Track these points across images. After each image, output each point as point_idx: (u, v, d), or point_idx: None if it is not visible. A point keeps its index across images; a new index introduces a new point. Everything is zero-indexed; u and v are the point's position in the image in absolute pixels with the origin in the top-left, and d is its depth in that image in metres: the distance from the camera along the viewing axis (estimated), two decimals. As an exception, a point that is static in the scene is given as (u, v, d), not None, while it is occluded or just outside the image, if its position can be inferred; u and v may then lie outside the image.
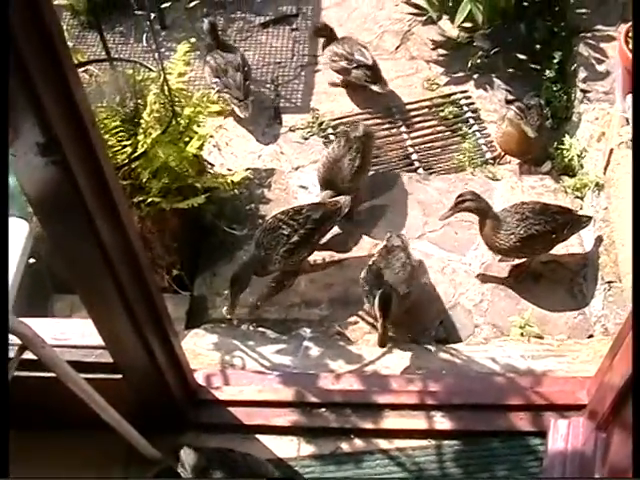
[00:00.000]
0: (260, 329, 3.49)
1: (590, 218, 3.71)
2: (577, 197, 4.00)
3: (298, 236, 3.54)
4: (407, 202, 4.01)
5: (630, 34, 3.89)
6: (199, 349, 3.26)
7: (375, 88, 4.77)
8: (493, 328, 3.49)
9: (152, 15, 3.71)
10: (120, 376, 2.39)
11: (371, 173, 4.18)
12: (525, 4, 5.18)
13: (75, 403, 2.08)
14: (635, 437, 1.90)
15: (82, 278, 2.00)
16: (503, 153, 4.43)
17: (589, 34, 4.77)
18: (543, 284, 3.64)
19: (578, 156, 4.21)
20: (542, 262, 3.70)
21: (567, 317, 3.52)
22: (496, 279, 3.68)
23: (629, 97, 3.55)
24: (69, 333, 2.46)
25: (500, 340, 3.37)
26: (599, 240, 3.75)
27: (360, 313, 3.56)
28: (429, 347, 3.34)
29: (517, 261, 3.71)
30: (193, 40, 3.71)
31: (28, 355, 1.96)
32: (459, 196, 3.54)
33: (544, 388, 2.82)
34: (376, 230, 3.89)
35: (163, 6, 5.02)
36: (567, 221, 3.61)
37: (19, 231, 2.73)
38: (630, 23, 3.97)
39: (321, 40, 4.95)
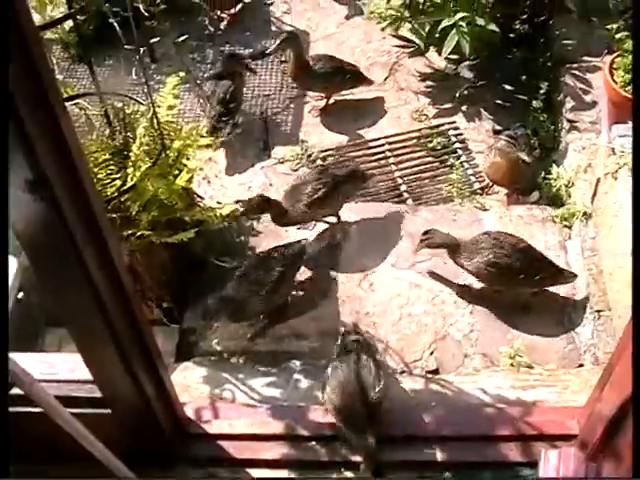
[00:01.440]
0: (250, 362, 3.48)
1: (575, 276, 3.67)
2: (565, 226, 4.01)
3: (277, 274, 3.55)
4: (396, 233, 4.03)
5: (614, 65, 3.94)
6: (189, 382, 3.26)
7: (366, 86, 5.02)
8: (483, 358, 3.49)
9: (141, 49, 3.70)
10: (109, 411, 2.38)
11: (360, 204, 4.20)
12: (511, 35, 5.26)
13: (63, 438, 2.07)
14: (635, 437, 1.90)
15: (71, 312, 2.00)
16: (491, 183, 4.46)
17: (575, 65, 4.83)
18: (532, 314, 3.64)
19: (566, 186, 4.24)
20: (532, 292, 3.71)
21: (557, 347, 3.52)
22: (485, 309, 3.68)
23: (614, 127, 3.58)
24: (58, 368, 2.46)
25: (490, 370, 3.38)
26: (587, 269, 3.77)
27: (350, 345, 3.56)
28: (420, 378, 3.34)
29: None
30: (182, 74, 3.71)
31: (16, 391, 1.95)
32: (423, 233, 3.67)
33: (534, 418, 2.82)
34: (365, 261, 3.90)
35: (152, 41, 5.06)
36: (541, 269, 3.60)
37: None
38: (615, 54, 4.02)
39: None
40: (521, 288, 3.67)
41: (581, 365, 3.46)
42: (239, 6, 5.83)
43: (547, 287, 3.69)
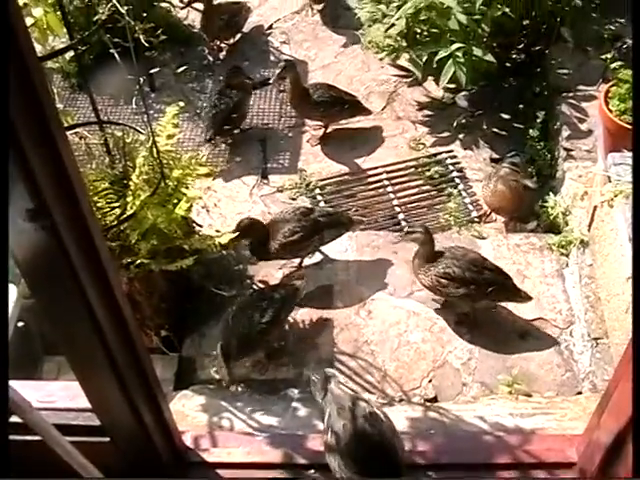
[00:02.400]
0: (248, 390, 3.48)
1: (530, 298, 3.66)
2: (562, 254, 4.03)
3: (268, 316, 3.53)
4: (394, 261, 4.04)
5: (609, 94, 3.97)
6: (187, 411, 3.26)
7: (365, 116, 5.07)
8: (481, 386, 3.49)
9: (142, 79, 3.75)
10: (107, 439, 2.38)
11: (358, 232, 4.22)
12: (508, 65, 5.31)
13: (62, 466, 2.07)
14: (635, 434, 1.90)
15: (70, 340, 2.01)
16: (490, 211, 4.48)
17: (571, 94, 4.87)
18: (530, 341, 3.65)
19: (563, 214, 4.26)
20: (529, 320, 3.72)
21: (555, 374, 3.53)
22: (483, 337, 3.69)
23: (610, 156, 3.61)
24: (56, 396, 2.46)
25: (488, 398, 3.38)
26: (585, 297, 3.78)
27: (348, 373, 3.56)
28: (418, 406, 3.34)
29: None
30: (182, 103, 3.74)
31: (15, 419, 1.95)
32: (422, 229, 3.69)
33: (533, 446, 2.81)
34: (363, 289, 3.92)
35: (152, 71, 5.11)
36: (494, 282, 3.61)
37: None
38: (610, 84, 4.05)
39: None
40: (475, 302, 3.69)
41: (579, 393, 3.46)
42: (238, 36, 5.89)
43: (501, 302, 3.72)
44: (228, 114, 4.94)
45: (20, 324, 3.10)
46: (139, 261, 3.26)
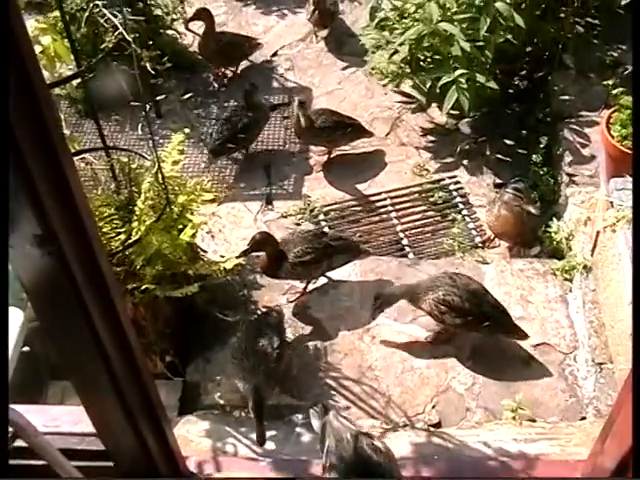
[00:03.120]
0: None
1: (527, 336, 3.65)
2: (566, 279, 4.03)
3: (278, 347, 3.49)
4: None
5: (611, 120, 4.00)
6: (191, 436, 3.26)
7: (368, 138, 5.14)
8: (485, 412, 3.49)
9: (147, 105, 3.80)
10: (112, 464, 2.39)
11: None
12: (510, 91, 5.35)
13: (66, 492, 2.08)
14: (635, 437, 1.90)
15: (74, 365, 2.02)
16: (493, 236, 4.49)
17: (573, 120, 4.90)
18: (534, 367, 3.65)
19: (566, 239, 4.28)
20: (533, 345, 3.72)
21: (559, 399, 3.53)
22: (487, 362, 3.69)
23: (612, 181, 3.63)
24: (61, 420, 2.47)
25: (492, 424, 3.37)
26: (589, 322, 3.78)
27: (352, 398, 3.56)
28: (422, 432, 3.34)
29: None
30: (187, 130, 3.78)
31: (19, 443, 1.96)
32: (374, 298, 3.65)
33: (537, 472, 2.81)
34: (367, 314, 3.91)
35: (158, 98, 5.16)
36: (491, 316, 3.62)
37: (13, 320, 2.75)
38: (611, 110, 4.08)
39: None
40: (471, 331, 3.69)
41: (583, 418, 3.45)
42: (243, 63, 5.94)
43: (496, 335, 3.70)
44: (237, 132, 4.98)
45: (26, 349, 3.11)
46: (144, 287, 3.28)
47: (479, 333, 3.68)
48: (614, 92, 4.19)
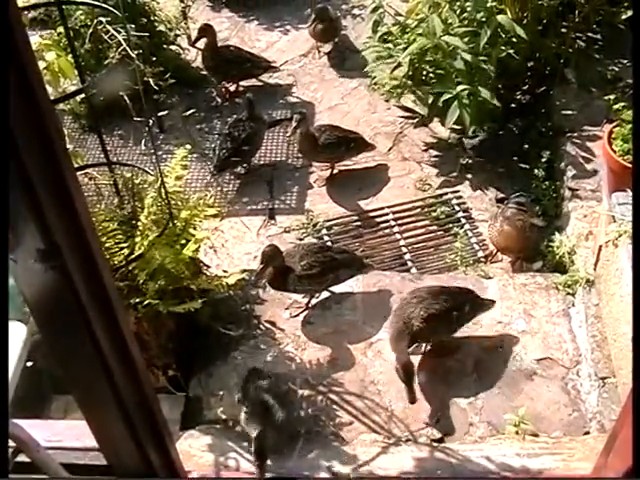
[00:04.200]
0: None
1: (493, 302, 3.84)
2: (569, 294, 4.03)
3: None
4: (400, 301, 4.05)
5: (613, 135, 4.01)
6: (194, 450, 3.25)
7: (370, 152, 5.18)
8: (488, 426, 3.48)
9: (150, 121, 3.83)
10: (114, 478, 2.38)
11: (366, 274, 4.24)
12: (513, 106, 5.36)
13: (69, 507, 2.07)
14: (635, 437, 1.89)
15: (77, 379, 2.02)
16: (496, 251, 4.50)
17: (575, 134, 4.91)
18: (537, 381, 3.65)
19: (569, 253, 4.27)
20: (536, 359, 3.72)
21: (562, 414, 3.52)
22: (490, 377, 3.68)
23: (614, 195, 3.63)
24: (63, 435, 2.47)
25: (495, 438, 3.37)
26: (592, 336, 3.78)
27: (355, 413, 3.56)
28: (425, 447, 3.33)
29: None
30: (190, 145, 3.80)
31: (22, 458, 1.97)
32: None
33: (540, 487, 2.81)
34: (370, 329, 3.92)
35: (161, 114, 5.18)
36: (466, 300, 3.73)
37: (17, 335, 2.76)
38: (613, 124, 4.09)
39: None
40: (458, 326, 3.73)
41: (587, 433, 3.44)
42: (246, 78, 5.97)
43: (473, 317, 3.78)
44: (241, 144, 5.01)
45: (29, 364, 3.11)
46: (147, 301, 3.29)
47: (464, 323, 3.73)
48: (616, 107, 4.20)
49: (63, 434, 2.48)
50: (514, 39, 4.81)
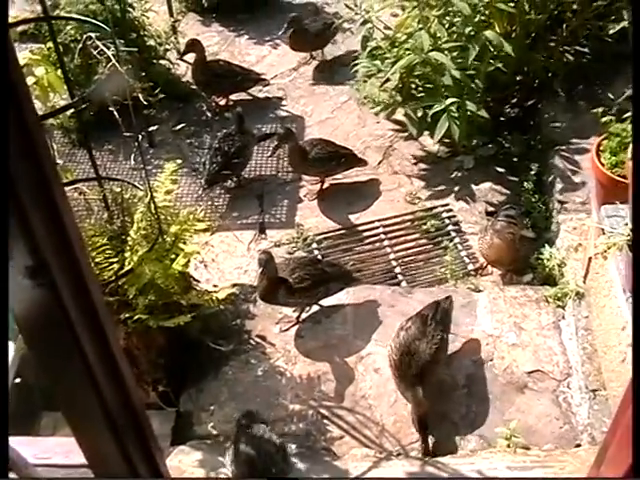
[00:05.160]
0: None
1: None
2: (559, 306, 4.04)
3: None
4: (390, 315, 4.05)
5: (601, 148, 4.02)
6: (184, 466, 3.24)
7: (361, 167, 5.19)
8: (479, 439, 3.47)
9: (140, 135, 3.84)
10: (104, 495, 2.37)
11: (355, 287, 4.24)
12: (502, 119, 5.38)
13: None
14: (635, 437, 1.89)
15: (66, 395, 2.01)
16: (486, 264, 4.50)
17: (564, 147, 4.93)
18: (528, 394, 3.65)
19: (558, 265, 4.28)
20: (526, 372, 3.72)
21: (553, 427, 3.52)
22: (481, 390, 3.68)
23: (603, 208, 3.64)
24: (52, 452, 2.46)
25: (487, 452, 3.36)
26: (582, 349, 3.79)
27: (346, 427, 3.55)
28: (416, 461, 3.33)
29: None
30: (180, 160, 3.80)
31: (11, 475, 1.95)
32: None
33: (532, 500, 2.80)
34: (361, 343, 3.92)
35: (151, 129, 5.18)
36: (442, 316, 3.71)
37: (5, 351, 2.74)
38: (601, 137, 4.10)
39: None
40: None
41: (578, 445, 3.44)
42: (236, 92, 5.98)
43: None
44: (231, 158, 5.02)
45: (17, 380, 3.10)
46: (137, 316, 3.28)
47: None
48: (603, 120, 4.22)
49: (52, 451, 2.46)
50: (502, 53, 4.83)
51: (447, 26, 4.99)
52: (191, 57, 5.81)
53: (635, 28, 1.74)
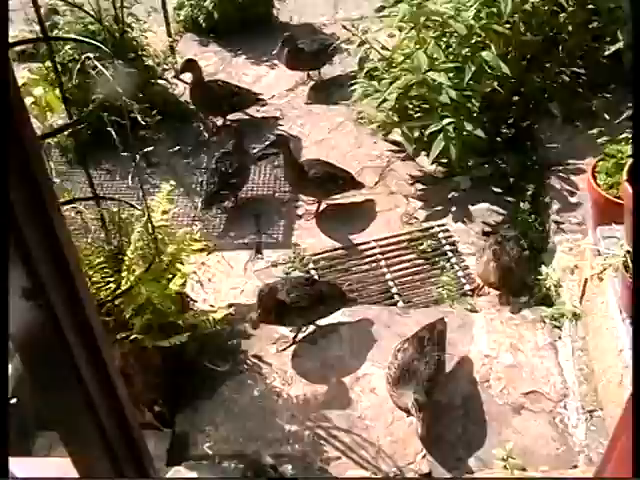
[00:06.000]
0: (241, 466, 3.45)
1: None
2: (555, 327, 4.04)
3: None
4: (387, 335, 4.04)
5: (597, 169, 4.04)
6: (180, 487, 3.23)
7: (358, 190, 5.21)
8: (476, 461, 3.46)
9: (137, 155, 3.85)
10: (99, 516, 2.36)
11: (352, 307, 4.24)
12: (498, 139, 5.41)
13: None
14: (635, 437, 1.88)
15: (61, 415, 2.00)
16: (482, 285, 4.50)
17: (560, 167, 4.96)
18: (524, 415, 3.64)
19: (555, 286, 4.29)
20: (523, 393, 3.72)
21: (550, 448, 3.51)
22: (478, 411, 3.67)
23: (599, 229, 3.65)
24: (47, 473, 2.44)
25: (483, 473, 3.35)
26: (579, 370, 3.78)
27: (342, 448, 3.54)
28: (413, 481, 3.32)
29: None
30: (177, 180, 3.81)
31: (6, 497, 1.94)
32: None
33: (528, 522, 2.79)
34: (357, 363, 3.91)
35: (148, 149, 5.19)
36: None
37: (0, 371, 2.73)
38: (597, 158, 4.11)
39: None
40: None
41: (575, 466, 3.43)
42: (233, 112, 6.00)
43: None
44: (228, 178, 5.03)
45: (13, 400, 3.08)
46: (133, 336, 3.27)
47: None
48: (599, 140, 4.23)
49: (46, 471, 2.45)
50: (499, 74, 4.86)
51: (444, 47, 5.03)
52: (189, 77, 5.83)
53: (635, 31, 1.74)
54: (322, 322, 4.12)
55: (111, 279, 3.31)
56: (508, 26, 4.93)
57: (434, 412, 3.60)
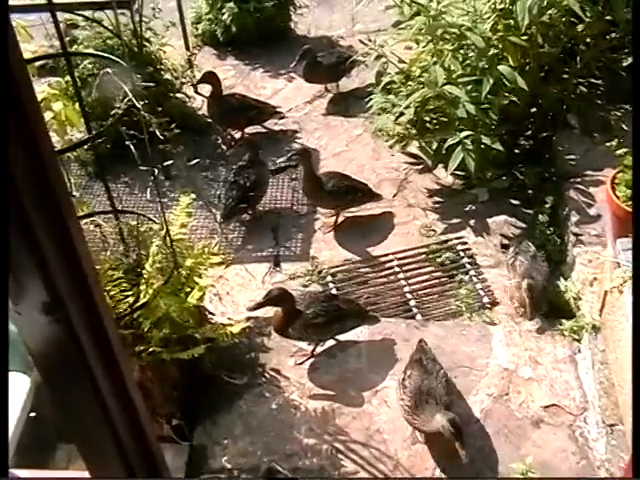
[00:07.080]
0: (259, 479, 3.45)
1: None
2: (575, 340, 4.02)
3: None
4: (405, 349, 4.03)
5: (616, 181, 4.02)
6: (198, 500, 3.23)
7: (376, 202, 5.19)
8: (495, 475, 3.44)
9: (156, 169, 3.88)
10: (116, 530, 2.36)
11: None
12: (516, 151, 5.39)
13: None
14: (635, 437, 1.87)
15: (79, 429, 2.01)
16: (517, 305, 4.42)
17: (579, 179, 4.93)
18: (544, 428, 3.62)
19: (574, 298, 4.26)
20: (542, 406, 3.69)
21: (570, 462, 3.48)
22: (497, 424, 3.65)
23: (619, 241, 3.63)
24: (66, 486, 2.45)
25: (503, 487, 3.33)
26: (599, 383, 3.76)
27: (360, 462, 3.53)
28: (431, 495, 3.30)
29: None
30: (195, 193, 3.82)
31: (25, 510, 1.95)
32: None
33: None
34: (375, 377, 3.90)
35: (166, 163, 5.22)
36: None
37: (20, 387, 2.75)
38: (616, 170, 4.10)
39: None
40: None
41: (595, 481, 3.41)
42: (251, 125, 6.02)
43: None
44: (247, 190, 5.05)
45: (33, 414, 3.10)
46: (151, 349, 3.28)
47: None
48: (618, 152, 4.21)
49: (65, 484, 2.46)
50: (516, 86, 4.85)
51: (461, 60, 5.03)
52: (207, 90, 5.86)
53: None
54: (341, 336, 4.11)
55: (129, 292, 3.33)
56: (525, 38, 4.92)
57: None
